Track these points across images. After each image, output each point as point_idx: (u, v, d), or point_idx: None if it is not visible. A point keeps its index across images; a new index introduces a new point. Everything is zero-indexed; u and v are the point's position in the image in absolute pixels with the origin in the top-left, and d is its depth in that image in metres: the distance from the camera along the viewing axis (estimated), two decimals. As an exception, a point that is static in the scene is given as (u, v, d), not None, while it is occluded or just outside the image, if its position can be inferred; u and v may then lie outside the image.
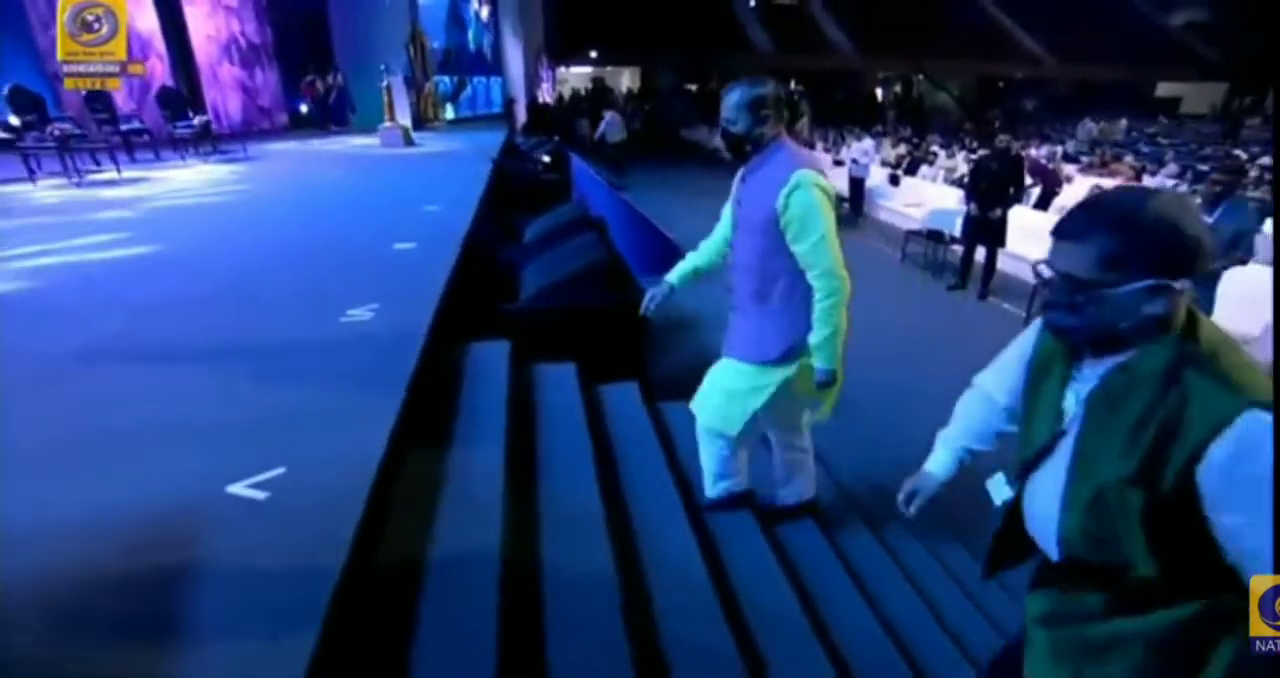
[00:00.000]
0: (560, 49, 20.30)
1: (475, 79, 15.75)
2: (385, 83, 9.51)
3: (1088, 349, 0.99)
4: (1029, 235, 6.81)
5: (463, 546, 1.71)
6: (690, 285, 2.25)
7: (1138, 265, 0.90)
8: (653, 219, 6.29)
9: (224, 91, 11.48)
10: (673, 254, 6.60)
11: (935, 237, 7.54)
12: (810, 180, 1.82)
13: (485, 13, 16.72)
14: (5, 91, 6.67)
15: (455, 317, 3.11)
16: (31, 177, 6.25)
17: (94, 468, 1.74)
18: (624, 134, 13.37)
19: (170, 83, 10.35)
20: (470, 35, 15.96)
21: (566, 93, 21.90)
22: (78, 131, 7.09)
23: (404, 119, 10.54)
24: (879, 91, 27.69)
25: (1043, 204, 8.72)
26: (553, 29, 18.33)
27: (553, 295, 3.48)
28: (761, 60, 25.18)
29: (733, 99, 1.90)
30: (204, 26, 11.02)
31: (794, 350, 1.98)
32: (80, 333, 2.63)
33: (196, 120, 8.51)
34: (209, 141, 8.42)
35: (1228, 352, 0.92)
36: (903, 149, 13.45)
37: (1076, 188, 8.85)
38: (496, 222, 5.45)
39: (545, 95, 17.42)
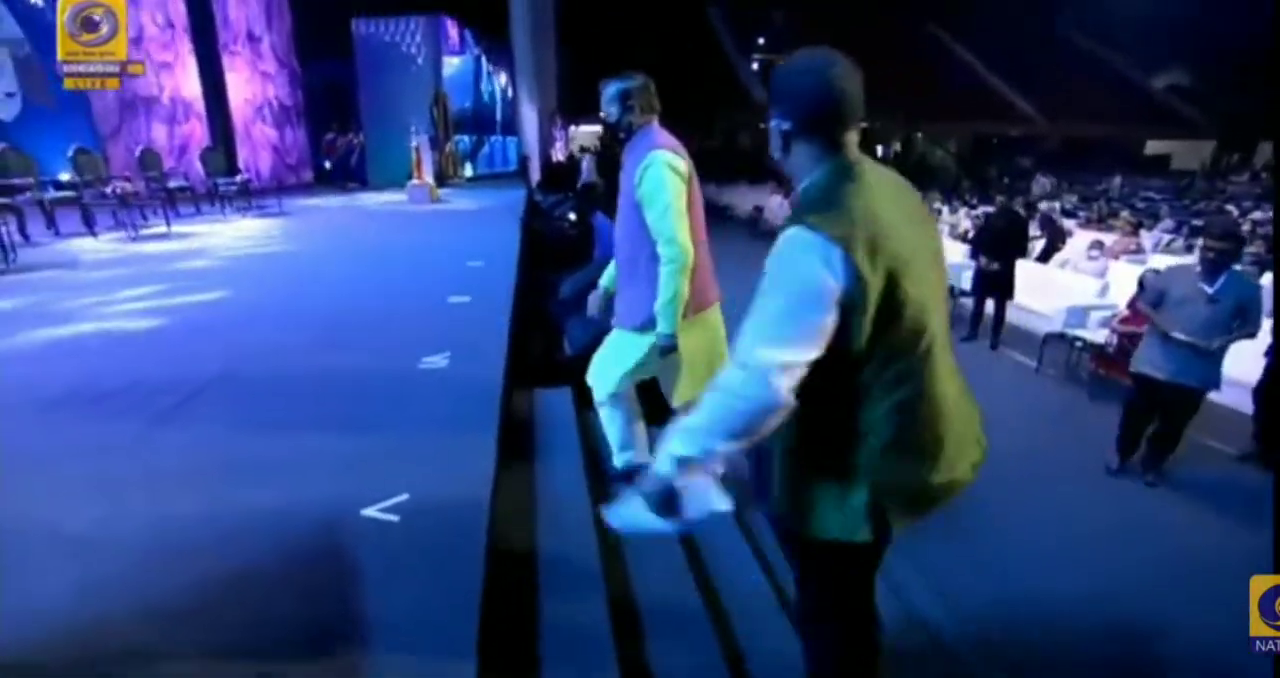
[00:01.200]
0: (572, 108, 21.35)
1: (492, 138, 16.56)
2: (414, 143, 10.10)
3: None
4: (1035, 288, 7.13)
5: (564, 556, 1.98)
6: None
7: (775, 109, 1.21)
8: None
9: (256, 150, 12.16)
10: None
11: (944, 290, 7.82)
12: (663, 160, 2.05)
13: (503, 77, 17.72)
14: (71, 153, 7.23)
15: (517, 365, 3.40)
16: (92, 231, 6.77)
17: (248, 488, 2.00)
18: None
19: (209, 143, 11.00)
20: (488, 97, 16.88)
21: (577, 150, 22.90)
22: (132, 189, 7.59)
23: (429, 177, 11.09)
24: (879, 149, 28.85)
25: (1045, 257, 9.13)
26: (565, 89, 19.36)
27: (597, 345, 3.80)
28: (763, 117, 26.35)
29: (607, 93, 2.17)
30: (243, 91, 11.75)
31: (653, 320, 2.15)
32: (199, 368, 2.97)
33: (238, 178, 9.05)
34: (246, 197, 8.92)
35: (844, 195, 1.13)
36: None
37: (1078, 241, 9.28)
38: (533, 277, 5.80)
39: (558, 153, 18.22)
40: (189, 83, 10.93)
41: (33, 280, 4.73)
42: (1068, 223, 11.24)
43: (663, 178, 2.05)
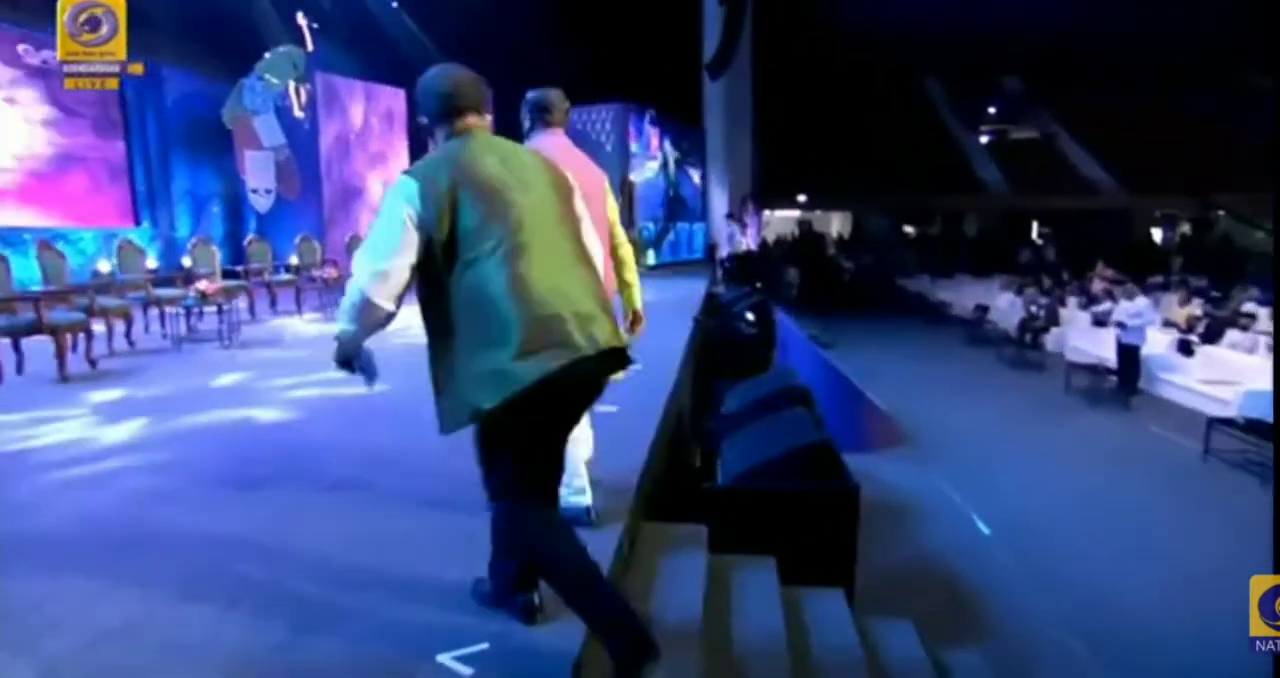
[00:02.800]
0: (767, 192, 22.04)
1: (678, 225, 17.50)
2: (595, 231, 10.97)
3: None
4: (1202, 365, 6.00)
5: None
6: None
7: (419, 115, 1.96)
8: (865, 389, 6.27)
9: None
10: (889, 430, 6.41)
11: (1258, 429, 6.47)
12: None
13: (694, 163, 18.92)
14: (297, 240, 8.98)
15: (654, 489, 3.30)
16: (299, 311, 8.25)
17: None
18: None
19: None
20: (676, 181, 18.04)
21: (771, 237, 23.36)
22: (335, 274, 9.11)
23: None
24: (1156, 233, 25.81)
25: None
26: (760, 173, 20.09)
27: (755, 478, 3.57)
28: (993, 199, 24.97)
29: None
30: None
31: None
32: (329, 460, 3.27)
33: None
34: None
35: (441, 154, 1.86)
36: (1196, 307, 12.06)
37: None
38: (696, 386, 5.79)
39: (749, 241, 18.71)
40: (398, 173, 13.09)
41: (242, 358, 5.89)
42: None
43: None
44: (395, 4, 13.42)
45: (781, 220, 27.17)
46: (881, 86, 23.78)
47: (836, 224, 28.39)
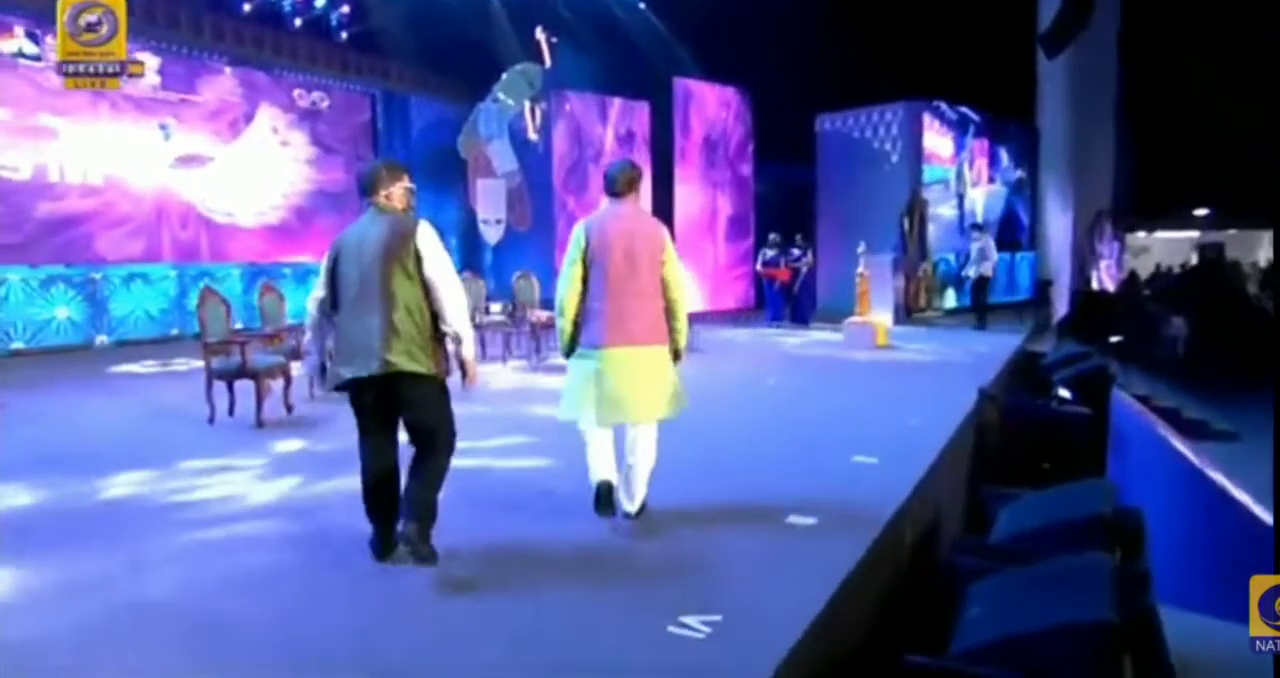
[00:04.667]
0: (1139, 207, 19.35)
1: (1001, 254, 16.05)
2: (860, 267, 10.40)
3: None
4: None
5: None
6: None
7: None
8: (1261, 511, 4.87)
9: (695, 271, 14.34)
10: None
11: None
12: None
13: (1022, 172, 17.30)
14: (515, 277, 9.46)
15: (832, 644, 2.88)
16: (505, 357, 8.72)
17: None
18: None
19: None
20: (1003, 199, 16.65)
21: (1145, 269, 20.43)
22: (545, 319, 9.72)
23: (883, 311, 11.19)
24: None
25: None
26: (1127, 180, 17.74)
27: (1005, 658, 2.91)
28: None
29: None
30: (691, 203, 14.17)
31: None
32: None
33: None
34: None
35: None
36: None
37: None
38: (953, 494, 5.11)
39: (1105, 277, 16.56)
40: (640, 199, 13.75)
41: None
42: None
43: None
44: (642, 4, 14.10)
45: (1167, 245, 23.68)
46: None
47: (1264, 251, 23.68)
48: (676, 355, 3.76)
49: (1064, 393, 7.07)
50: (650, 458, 3.68)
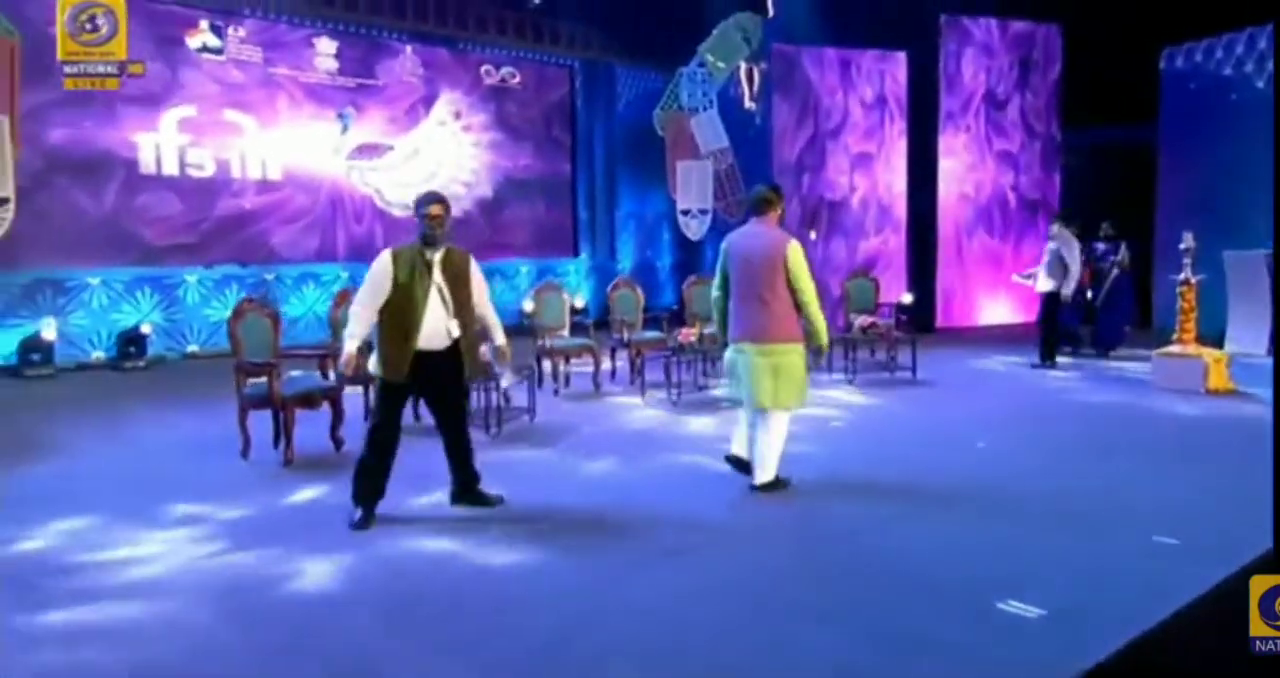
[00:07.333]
0: None
1: None
2: (1184, 271, 7.11)
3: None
4: None
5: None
6: None
7: None
8: None
9: (957, 269, 11.45)
10: None
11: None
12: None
13: None
14: (686, 283, 8.08)
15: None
16: (644, 387, 7.07)
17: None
18: None
19: (906, 262, 10.98)
20: None
21: None
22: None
23: (1247, 336, 7.97)
24: None
25: None
26: None
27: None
28: None
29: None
30: (961, 183, 11.33)
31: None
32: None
33: (879, 322, 8.14)
34: (888, 349, 7.94)
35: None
36: None
37: None
38: None
39: None
40: (892, 177, 11.22)
41: (492, 455, 4.94)
42: None
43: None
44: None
45: None
46: None
47: None
48: (819, 352, 4.49)
49: None
50: (771, 441, 4.30)
